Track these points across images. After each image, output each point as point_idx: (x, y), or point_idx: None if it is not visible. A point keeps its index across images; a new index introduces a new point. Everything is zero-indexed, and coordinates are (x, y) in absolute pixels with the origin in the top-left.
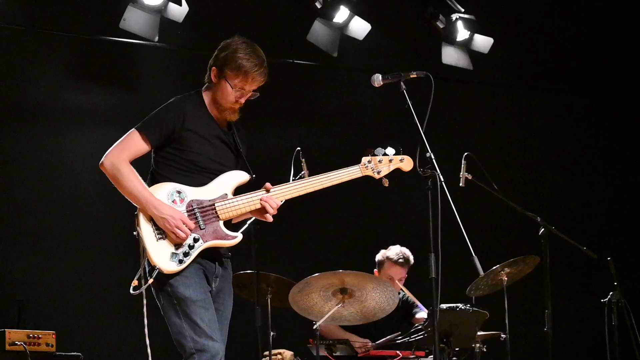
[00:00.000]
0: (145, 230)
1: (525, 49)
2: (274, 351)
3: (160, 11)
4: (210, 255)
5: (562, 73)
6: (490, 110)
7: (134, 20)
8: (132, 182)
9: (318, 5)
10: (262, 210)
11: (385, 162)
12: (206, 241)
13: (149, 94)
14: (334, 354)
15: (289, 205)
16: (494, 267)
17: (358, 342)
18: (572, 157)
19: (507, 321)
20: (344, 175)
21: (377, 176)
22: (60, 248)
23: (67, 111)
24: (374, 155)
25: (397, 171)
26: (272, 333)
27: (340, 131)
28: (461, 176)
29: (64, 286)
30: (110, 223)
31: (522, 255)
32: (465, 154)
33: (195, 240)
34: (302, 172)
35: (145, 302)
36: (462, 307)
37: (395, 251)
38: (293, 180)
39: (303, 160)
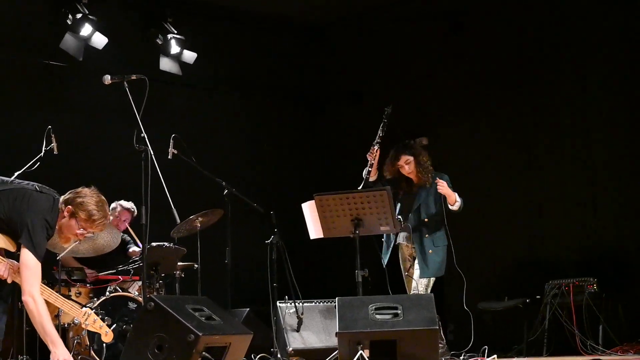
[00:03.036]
0: None
1: (220, 61)
2: None
3: None
4: None
5: (248, 81)
6: (192, 105)
7: None
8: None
9: (69, 22)
10: None
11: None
12: None
13: None
14: (72, 278)
15: None
16: (191, 217)
17: (89, 272)
18: (249, 141)
19: (199, 255)
20: None
21: None
22: None
23: None
24: None
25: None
26: None
27: (81, 118)
28: (169, 151)
29: None
30: None
31: (212, 208)
32: (173, 135)
33: None
34: (52, 144)
35: None
36: (167, 245)
37: (126, 202)
38: (44, 149)
39: (53, 135)
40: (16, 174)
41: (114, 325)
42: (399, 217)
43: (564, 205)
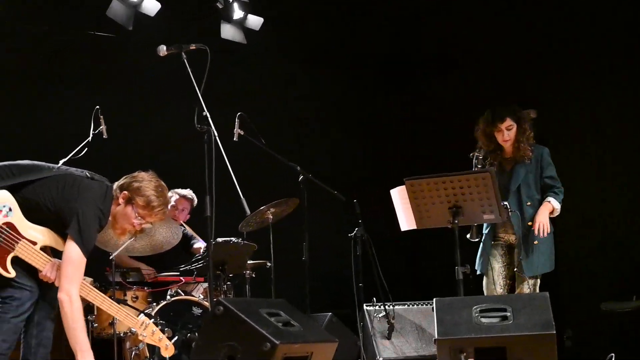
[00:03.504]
0: None
1: (289, 27)
2: None
3: None
4: None
5: (319, 48)
6: (259, 78)
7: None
8: None
9: None
10: None
11: None
12: None
13: None
14: (127, 280)
15: None
16: (261, 208)
17: (145, 269)
18: (326, 119)
19: (272, 252)
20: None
21: None
22: None
23: None
24: None
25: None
26: None
27: (132, 95)
28: (235, 132)
29: None
30: None
31: (285, 197)
32: (239, 113)
33: None
34: (101, 127)
35: None
36: (235, 241)
37: (182, 189)
38: (92, 133)
39: (101, 117)
40: (62, 161)
41: (176, 337)
42: (505, 203)
43: None
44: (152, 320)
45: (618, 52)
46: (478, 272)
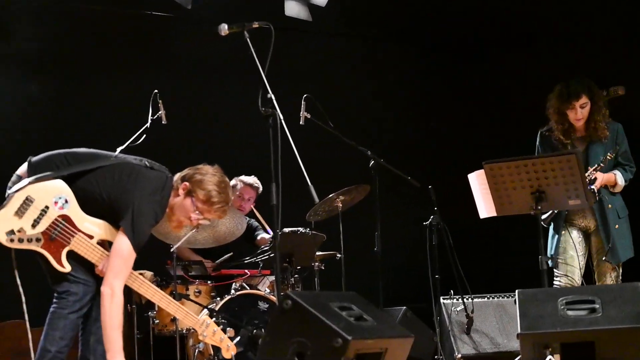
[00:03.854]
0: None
1: (356, 2)
2: (136, 272)
3: None
4: None
5: (390, 24)
6: (326, 57)
7: None
8: None
9: None
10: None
11: None
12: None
13: None
14: (189, 274)
15: None
16: (330, 195)
17: (208, 263)
18: (397, 100)
19: (342, 243)
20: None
21: None
22: None
23: None
24: None
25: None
26: None
27: (193, 78)
28: (301, 115)
29: None
30: None
31: (355, 184)
32: (305, 95)
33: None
34: (160, 112)
35: None
36: (302, 231)
37: (248, 177)
38: (151, 119)
39: (160, 101)
40: (119, 149)
41: (239, 337)
42: (593, 187)
43: None
44: (214, 319)
45: None
46: (550, 264)
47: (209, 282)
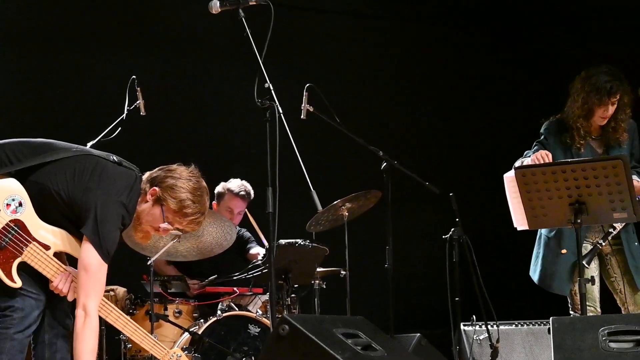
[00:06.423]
0: None
1: None
2: (107, 287)
3: None
4: None
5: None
6: (333, 41)
7: None
8: None
9: None
10: None
11: None
12: None
13: None
14: (168, 291)
15: None
16: (335, 202)
17: (194, 283)
18: (415, 92)
19: (347, 257)
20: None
21: None
22: None
23: None
24: None
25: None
26: None
27: (177, 59)
28: (302, 108)
29: None
30: None
31: (364, 189)
32: (307, 85)
33: None
34: (138, 102)
35: None
36: (301, 243)
37: (236, 184)
38: (127, 109)
39: (138, 89)
40: (89, 144)
41: None
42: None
43: None
44: (187, 352)
45: None
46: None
47: (191, 301)
